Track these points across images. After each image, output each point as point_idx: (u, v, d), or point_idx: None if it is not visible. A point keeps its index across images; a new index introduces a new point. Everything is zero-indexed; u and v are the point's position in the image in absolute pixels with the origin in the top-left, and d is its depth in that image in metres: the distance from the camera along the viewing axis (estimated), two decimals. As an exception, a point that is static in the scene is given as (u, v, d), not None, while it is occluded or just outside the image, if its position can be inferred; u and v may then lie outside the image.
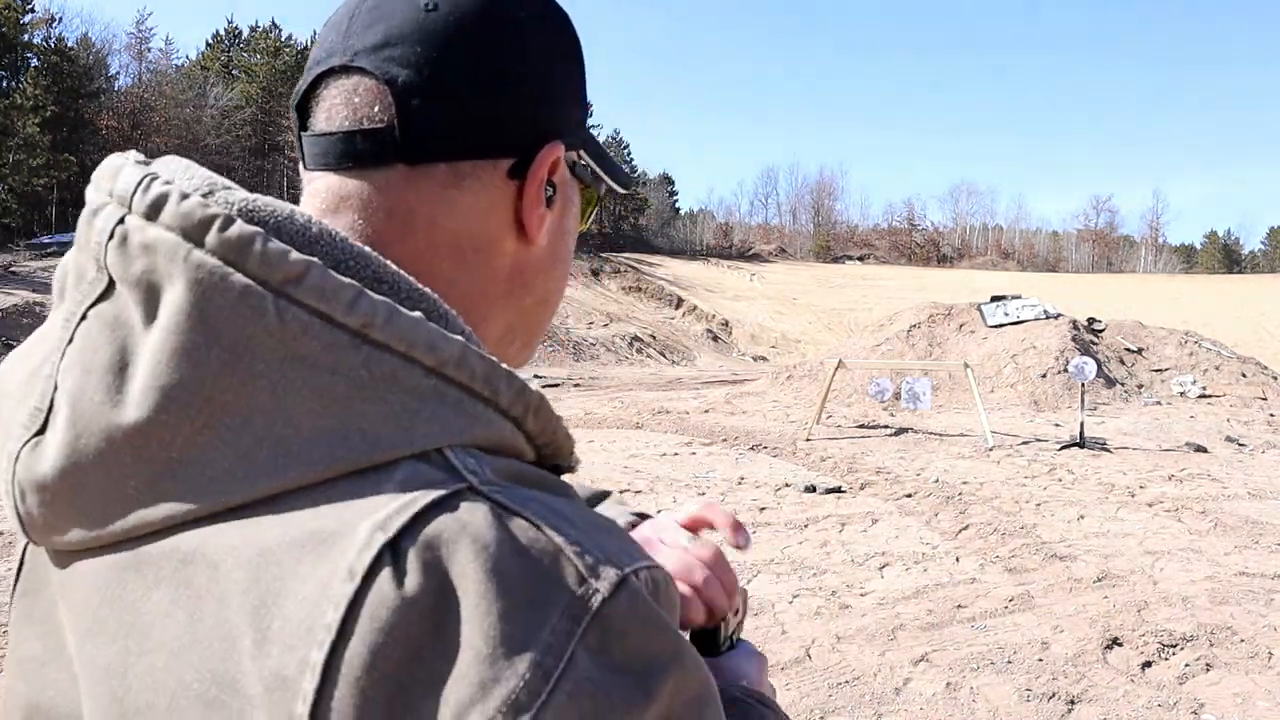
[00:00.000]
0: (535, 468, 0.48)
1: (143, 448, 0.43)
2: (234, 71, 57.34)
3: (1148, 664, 4.09)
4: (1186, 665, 4.07)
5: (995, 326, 16.96)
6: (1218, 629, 4.49)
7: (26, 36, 41.11)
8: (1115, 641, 4.33)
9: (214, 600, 0.41)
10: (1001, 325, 16.91)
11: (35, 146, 36.62)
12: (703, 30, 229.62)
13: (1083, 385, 10.60)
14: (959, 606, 4.83)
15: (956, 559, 5.78)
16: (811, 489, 7.81)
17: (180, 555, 0.43)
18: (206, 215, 0.43)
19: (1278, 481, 8.50)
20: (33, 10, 41.71)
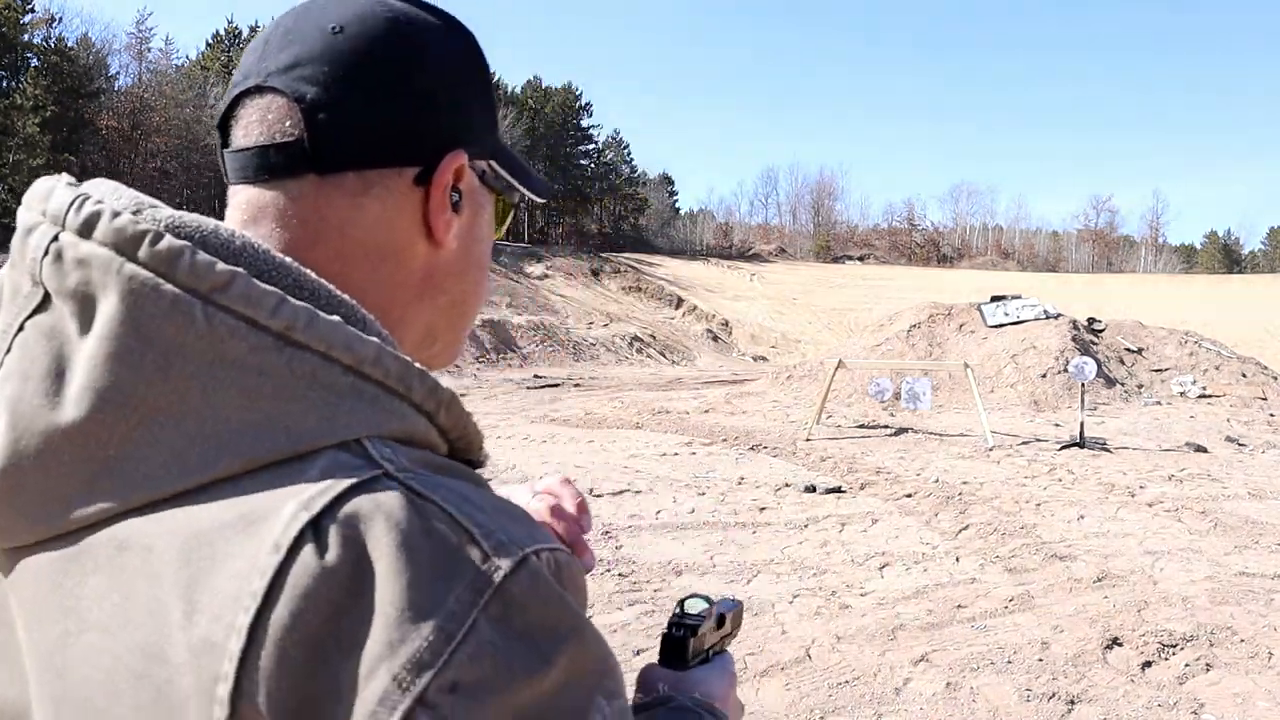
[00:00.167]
0: (447, 459, 0.52)
1: (80, 446, 0.46)
2: (234, 72, 57.26)
3: (1148, 664, 4.09)
4: (1186, 665, 4.07)
5: (995, 326, 16.96)
6: (1218, 629, 4.49)
7: (26, 36, 41.08)
8: (1115, 641, 4.33)
9: (146, 579, 0.45)
10: (1001, 325, 16.91)
11: (35, 146, 36.58)
12: (703, 30, 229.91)
13: (1083, 385, 10.60)
14: (959, 606, 4.83)
15: (956, 559, 5.78)
16: (811, 489, 7.81)
17: (117, 542, 0.46)
18: (138, 231, 0.47)
19: (1278, 481, 8.50)
20: (33, 10, 41.69)
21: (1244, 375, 15.75)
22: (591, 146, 71.30)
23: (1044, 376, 14.91)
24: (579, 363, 30.60)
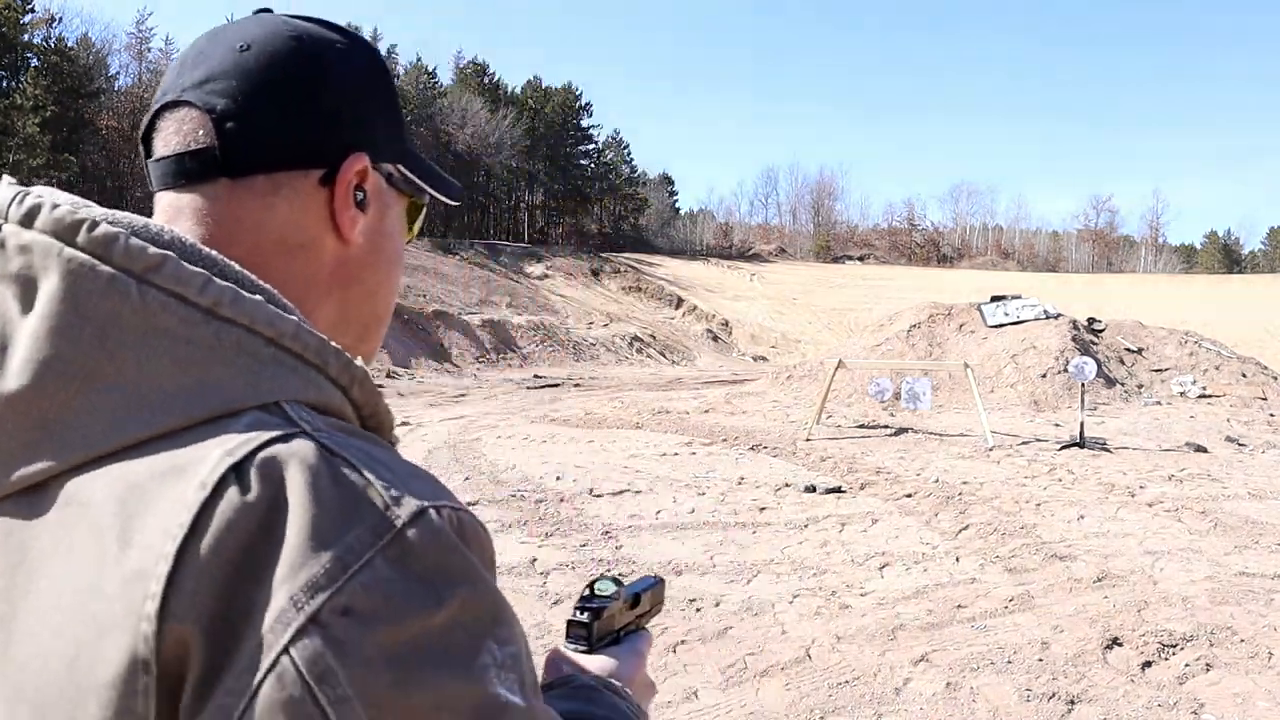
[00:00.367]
0: (359, 429, 0.57)
1: (23, 414, 0.51)
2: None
3: (1148, 664, 4.09)
4: (1186, 665, 4.07)
5: (995, 326, 16.96)
6: (1218, 629, 4.49)
7: (26, 36, 41.10)
8: (1115, 641, 4.33)
9: (88, 528, 0.49)
10: (1001, 325, 16.90)
11: (35, 146, 36.59)
12: (703, 30, 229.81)
13: (1083, 385, 10.60)
14: (959, 606, 4.83)
15: (956, 559, 5.78)
16: (811, 489, 7.81)
17: (62, 499, 0.51)
18: (76, 219, 0.52)
19: (1278, 481, 8.50)
20: (33, 10, 41.69)
21: (1244, 375, 15.75)
22: (591, 146, 71.32)
23: (1044, 376, 14.91)
24: (579, 363, 30.61)
